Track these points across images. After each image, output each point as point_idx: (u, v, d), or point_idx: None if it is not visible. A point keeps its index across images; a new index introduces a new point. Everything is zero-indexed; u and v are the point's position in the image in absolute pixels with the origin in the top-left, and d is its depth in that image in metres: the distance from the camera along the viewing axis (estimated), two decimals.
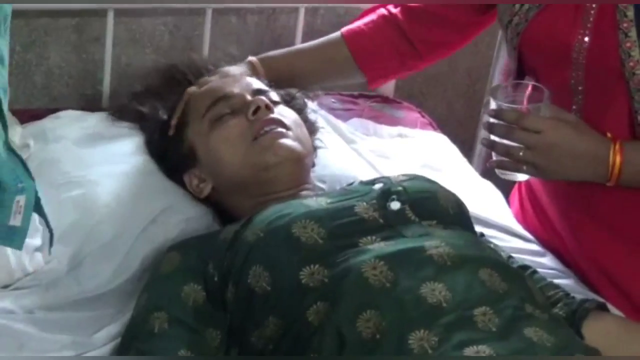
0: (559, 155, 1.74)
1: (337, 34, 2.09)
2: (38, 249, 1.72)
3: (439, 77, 2.46)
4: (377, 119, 2.28)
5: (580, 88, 1.80)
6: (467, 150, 2.05)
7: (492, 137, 1.75)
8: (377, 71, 2.11)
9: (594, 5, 1.75)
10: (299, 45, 2.18)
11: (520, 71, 1.92)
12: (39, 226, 1.75)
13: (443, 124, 2.35)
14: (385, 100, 2.38)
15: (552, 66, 1.85)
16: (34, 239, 1.72)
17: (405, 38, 2.04)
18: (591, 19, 1.77)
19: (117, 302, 1.72)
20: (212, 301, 1.63)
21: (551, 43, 1.84)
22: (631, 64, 1.71)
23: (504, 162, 1.77)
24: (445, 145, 2.22)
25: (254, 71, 2.01)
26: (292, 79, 2.08)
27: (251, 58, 2.05)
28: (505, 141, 1.73)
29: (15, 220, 1.42)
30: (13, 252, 1.68)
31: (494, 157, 1.79)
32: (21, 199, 1.43)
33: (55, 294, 1.69)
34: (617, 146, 1.72)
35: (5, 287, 1.69)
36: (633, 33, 1.71)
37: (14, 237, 1.51)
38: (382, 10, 2.09)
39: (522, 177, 1.88)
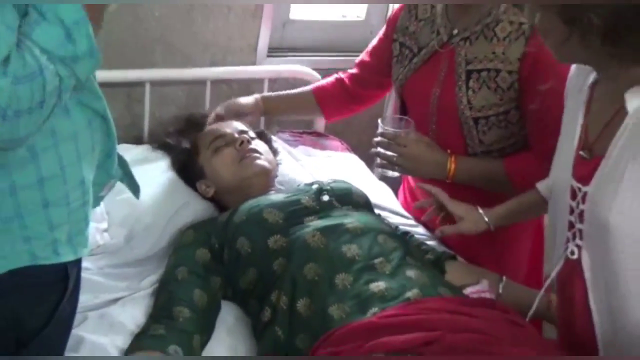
0: (417, 161, 1.72)
1: (309, 87, 2.05)
2: (105, 230, 1.67)
3: (351, 119, 2.44)
4: (314, 146, 2.26)
5: (434, 119, 1.77)
6: (369, 164, 2.04)
7: (379, 149, 1.73)
8: (332, 112, 2.07)
9: (442, 71, 1.73)
10: (286, 92, 2.11)
11: (402, 109, 1.90)
12: (105, 216, 1.72)
13: (354, 148, 2.32)
14: (319, 134, 2.35)
15: (418, 107, 1.81)
16: (102, 224, 1.68)
17: (348, 93, 2.00)
18: (441, 79, 1.73)
19: (155, 262, 1.70)
20: (214, 260, 1.63)
21: (418, 94, 1.80)
22: (462, 107, 1.69)
23: (385, 164, 1.75)
24: (356, 161, 2.20)
25: (257, 104, 1.97)
26: (280, 111, 2.05)
27: (256, 95, 2.00)
28: (385, 151, 1.71)
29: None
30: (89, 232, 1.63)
31: (379, 161, 1.76)
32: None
33: (116, 257, 1.67)
34: (453, 158, 1.72)
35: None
36: (463, 87, 1.68)
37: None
38: (336, 75, 2.04)
39: (394, 174, 1.85)
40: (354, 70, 2.02)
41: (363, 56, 2.01)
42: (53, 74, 0.95)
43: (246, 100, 1.97)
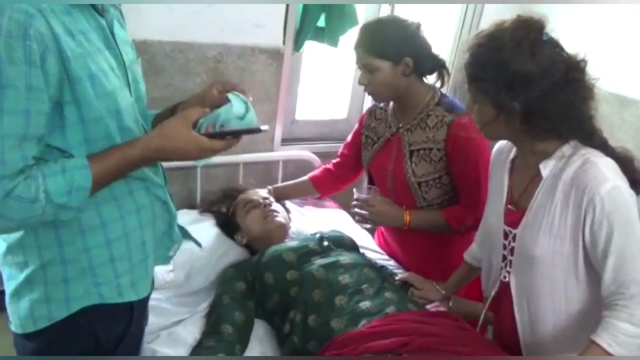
0: (382, 216, 1.69)
1: (306, 177, 2.03)
2: (171, 271, 1.63)
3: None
4: (315, 205, 2.21)
5: (391, 185, 1.74)
6: (354, 217, 2.03)
7: (356, 209, 1.69)
8: (326, 191, 2.04)
9: (394, 152, 1.71)
10: (290, 182, 2.07)
11: (370, 180, 1.87)
12: (170, 261, 1.62)
13: (343, 206, 2.20)
14: (319, 199, 2.25)
15: (380, 178, 1.79)
16: (169, 267, 1.61)
17: (335, 176, 1.99)
18: (393, 158, 1.71)
19: (207, 293, 1.65)
20: (249, 289, 1.58)
21: (379, 169, 1.78)
22: (409, 176, 1.67)
23: (361, 220, 1.71)
24: (345, 215, 2.14)
25: (269, 191, 1.93)
26: (287, 197, 2.00)
27: (269, 187, 1.97)
28: (360, 210, 1.68)
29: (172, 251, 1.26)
30: (159, 273, 1.58)
31: (357, 218, 1.73)
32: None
33: (179, 290, 1.63)
34: (408, 212, 1.68)
35: (155, 289, 1.55)
36: (408, 162, 1.66)
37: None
38: (323, 166, 2.03)
39: (368, 226, 1.82)
40: (337, 160, 1.99)
41: (342, 149, 1.97)
42: (40, 207, 0.89)
43: (262, 191, 1.92)
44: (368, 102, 2.44)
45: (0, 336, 1.33)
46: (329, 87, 2.47)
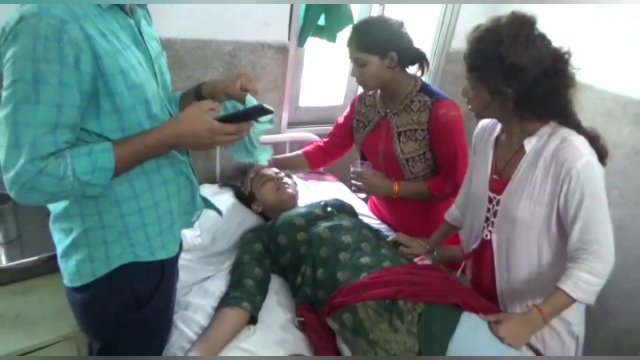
0: (374, 187, 1.71)
1: (300, 151, 2.01)
2: (199, 235, 1.64)
3: (337, 164, 2.38)
4: (318, 179, 2.20)
5: (382, 162, 1.74)
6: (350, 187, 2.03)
7: (352, 181, 1.71)
8: (315, 164, 2.00)
9: (383, 134, 1.71)
10: (286, 154, 2.06)
11: (362, 157, 1.86)
12: (198, 227, 1.66)
13: (341, 179, 2.24)
14: (320, 173, 2.27)
15: (372, 156, 1.79)
16: (196, 232, 1.64)
17: (325, 152, 1.97)
18: (383, 139, 1.71)
19: (229, 253, 1.67)
20: (265, 249, 1.58)
21: (371, 149, 1.78)
22: (397, 153, 1.67)
23: (356, 190, 1.73)
24: (343, 187, 2.14)
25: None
26: (285, 166, 1.96)
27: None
28: (356, 182, 1.71)
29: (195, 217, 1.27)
30: (189, 237, 1.61)
31: (353, 188, 1.74)
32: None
33: (205, 252, 1.64)
34: (396, 183, 1.70)
35: (186, 251, 1.61)
36: (397, 142, 1.67)
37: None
38: (317, 143, 2.00)
39: (362, 195, 1.83)
40: (327, 139, 1.98)
41: (333, 129, 1.96)
42: (69, 184, 0.89)
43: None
44: (361, 90, 2.35)
45: (60, 292, 1.37)
46: (327, 77, 2.47)
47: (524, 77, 1.13)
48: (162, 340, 1.27)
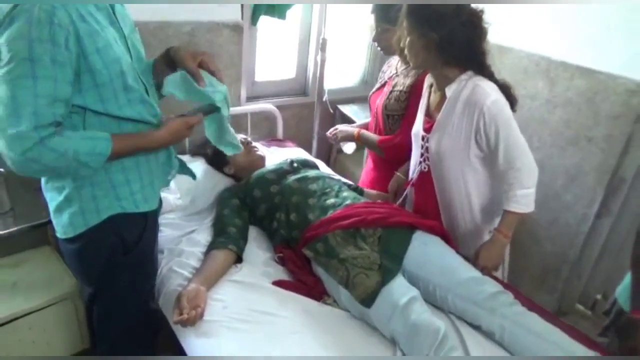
0: (342, 133, 1.86)
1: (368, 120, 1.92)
2: (179, 198, 1.72)
3: (295, 132, 2.46)
4: (279, 145, 2.27)
5: (376, 114, 1.78)
6: (309, 152, 2.07)
7: (329, 133, 1.85)
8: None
9: (385, 90, 1.74)
10: (362, 121, 2.02)
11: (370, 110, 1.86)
12: (177, 190, 1.74)
13: (301, 145, 2.33)
14: (280, 140, 2.33)
15: (372, 110, 1.83)
16: (176, 195, 1.72)
17: None
18: (383, 95, 1.76)
19: (208, 211, 1.73)
20: (242, 203, 1.65)
21: (373, 102, 1.83)
22: (383, 107, 1.73)
23: (331, 138, 1.86)
24: (302, 151, 2.14)
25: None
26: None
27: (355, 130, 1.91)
28: (333, 131, 1.84)
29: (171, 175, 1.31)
30: (170, 199, 1.69)
31: (330, 136, 1.88)
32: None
33: (186, 211, 1.72)
34: (356, 132, 1.82)
35: (169, 211, 1.69)
36: (387, 98, 1.72)
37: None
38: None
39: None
40: None
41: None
42: (67, 161, 0.94)
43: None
44: (311, 64, 2.52)
45: (50, 262, 1.47)
46: (280, 53, 2.50)
47: (444, 24, 1.28)
48: (147, 283, 1.33)
